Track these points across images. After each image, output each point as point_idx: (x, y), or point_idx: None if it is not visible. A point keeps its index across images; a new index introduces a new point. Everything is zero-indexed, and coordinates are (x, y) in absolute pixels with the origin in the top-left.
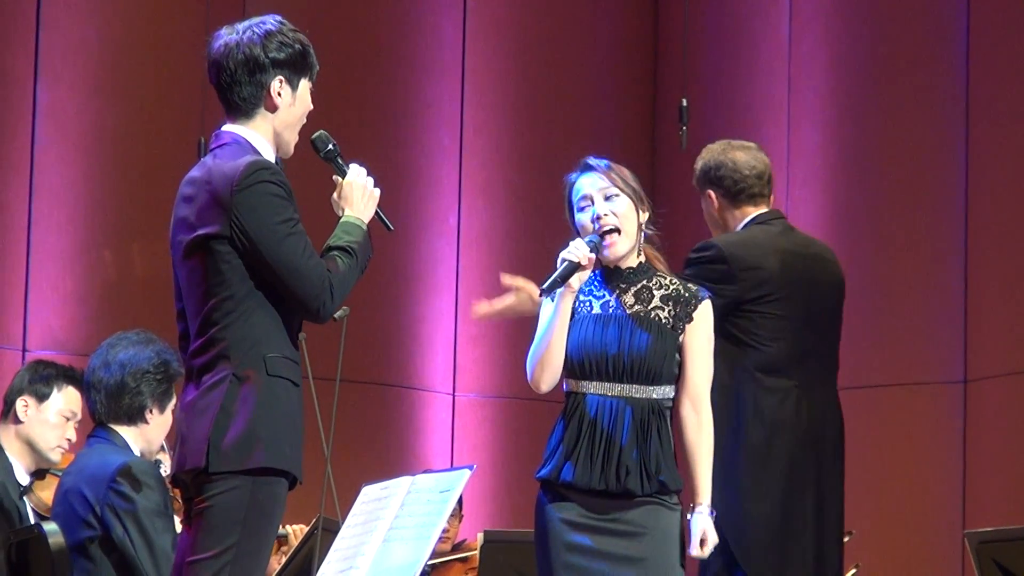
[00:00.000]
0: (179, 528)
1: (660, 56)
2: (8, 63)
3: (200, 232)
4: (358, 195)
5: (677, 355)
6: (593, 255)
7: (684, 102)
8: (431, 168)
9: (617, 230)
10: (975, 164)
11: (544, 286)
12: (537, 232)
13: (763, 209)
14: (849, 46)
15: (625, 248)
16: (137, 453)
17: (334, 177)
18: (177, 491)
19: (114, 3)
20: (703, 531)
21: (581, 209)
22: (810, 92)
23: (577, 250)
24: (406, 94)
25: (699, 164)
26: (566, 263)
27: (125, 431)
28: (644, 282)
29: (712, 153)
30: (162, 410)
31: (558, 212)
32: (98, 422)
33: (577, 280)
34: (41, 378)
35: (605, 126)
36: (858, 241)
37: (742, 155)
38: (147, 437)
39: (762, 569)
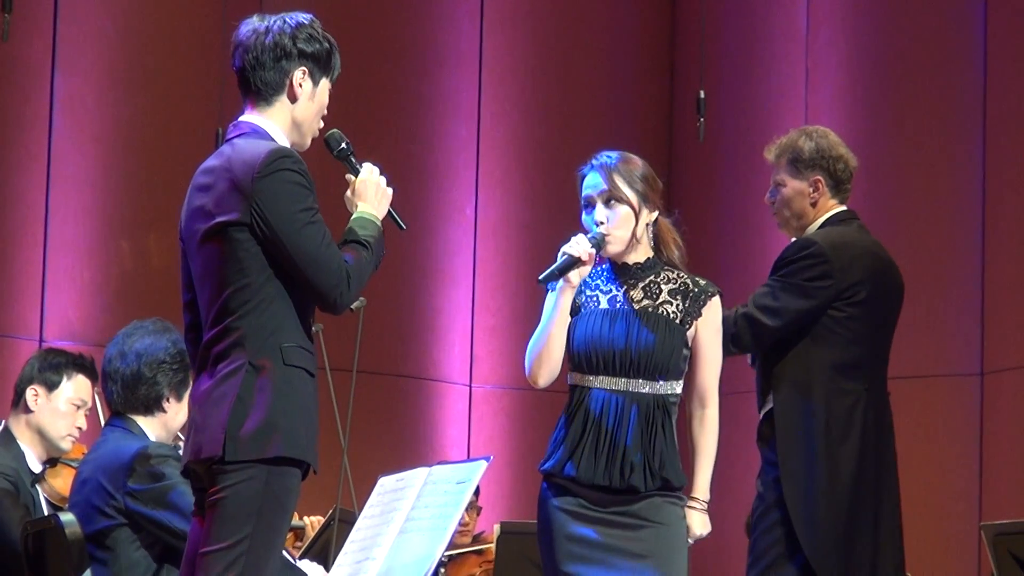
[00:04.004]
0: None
1: (678, 48)
2: (26, 53)
3: (219, 219)
4: (371, 192)
5: (685, 350)
6: (594, 251)
7: (702, 94)
8: (448, 159)
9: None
10: (992, 156)
11: (541, 277)
12: (554, 223)
13: (843, 206)
14: (866, 38)
15: (619, 249)
16: (153, 440)
17: (347, 176)
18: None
19: None
20: (697, 530)
21: (585, 209)
22: (827, 84)
23: (578, 245)
24: (423, 85)
25: (808, 144)
26: (566, 257)
27: (142, 420)
28: (652, 277)
29: (826, 139)
30: (179, 398)
31: (575, 203)
32: (114, 411)
33: (577, 275)
34: (51, 366)
35: (622, 117)
36: (874, 233)
37: (848, 151)
38: (165, 425)
39: (827, 563)
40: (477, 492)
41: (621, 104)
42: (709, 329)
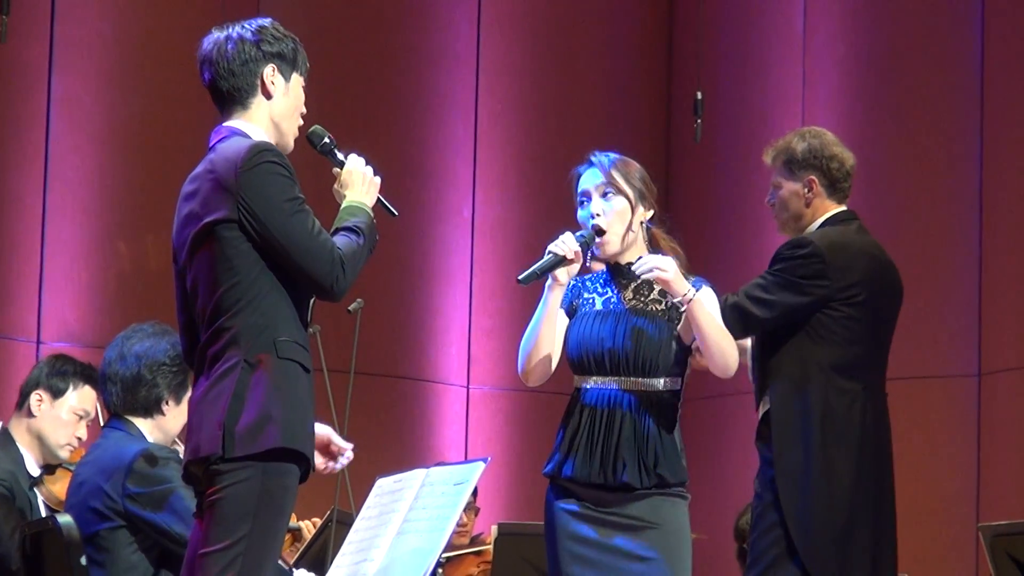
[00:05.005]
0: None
1: (675, 49)
2: (23, 54)
3: (207, 219)
4: (358, 180)
5: (676, 345)
6: (580, 249)
7: (699, 95)
8: (445, 160)
9: (605, 231)
10: (990, 157)
11: (521, 276)
12: (551, 223)
13: (843, 207)
14: (863, 39)
15: (615, 247)
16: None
17: (334, 170)
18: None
19: None
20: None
21: (581, 204)
22: (824, 85)
23: (564, 244)
24: (420, 86)
25: (800, 146)
26: (550, 255)
27: (141, 423)
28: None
29: (820, 140)
30: (178, 401)
31: (572, 204)
32: (113, 413)
33: (565, 274)
34: (58, 373)
35: (620, 118)
36: (872, 234)
37: (843, 151)
38: (163, 429)
39: (822, 567)
40: (476, 494)
41: (618, 105)
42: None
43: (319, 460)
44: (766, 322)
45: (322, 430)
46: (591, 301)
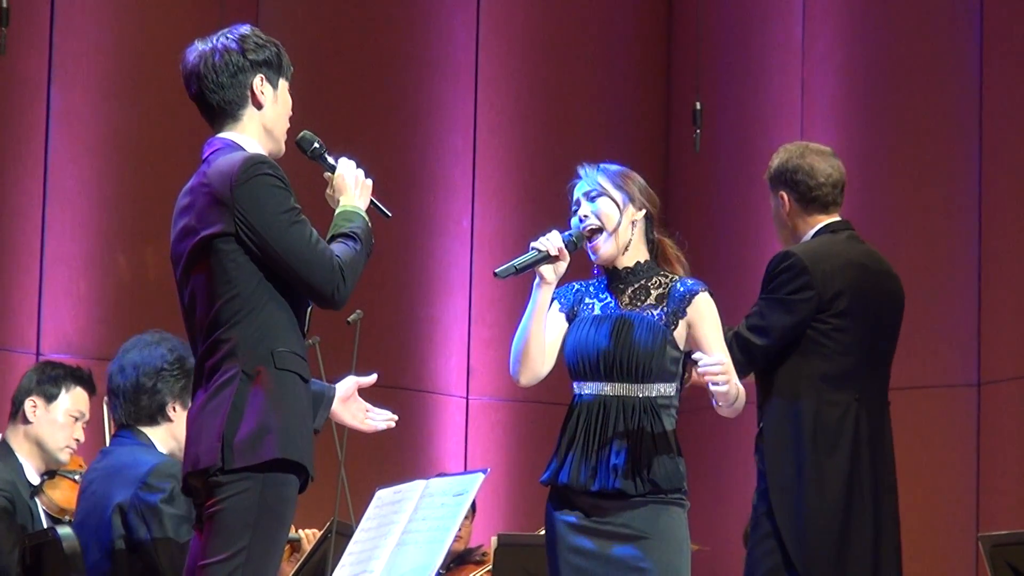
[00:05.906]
0: None
1: (674, 59)
2: (22, 66)
3: (204, 233)
4: (351, 184)
5: (673, 351)
6: (564, 247)
7: (698, 105)
8: (444, 170)
9: (600, 229)
10: (989, 165)
11: (498, 270)
12: None
13: (834, 217)
14: (862, 48)
15: (610, 247)
16: (165, 452)
17: (325, 175)
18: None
19: (128, 7)
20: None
21: (574, 213)
22: (823, 94)
23: (547, 240)
24: (419, 96)
25: (775, 163)
26: (532, 251)
27: (151, 431)
28: (642, 282)
29: (790, 154)
30: (184, 405)
31: (570, 214)
32: (121, 424)
33: (551, 271)
34: (49, 379)
35: (618, 128)
36: (870, 243)
37: (819, 161)
38: (174, 434)
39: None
40: (473, 501)
41: (617, 115)
42: (702, 324)
43: (351, 419)
44: (767, 349)
45: (346, 382)
46: (591, 306)
